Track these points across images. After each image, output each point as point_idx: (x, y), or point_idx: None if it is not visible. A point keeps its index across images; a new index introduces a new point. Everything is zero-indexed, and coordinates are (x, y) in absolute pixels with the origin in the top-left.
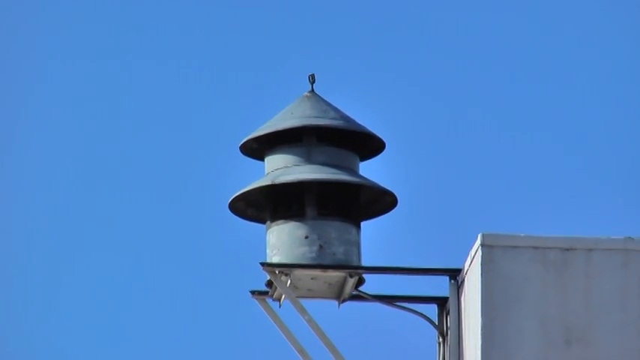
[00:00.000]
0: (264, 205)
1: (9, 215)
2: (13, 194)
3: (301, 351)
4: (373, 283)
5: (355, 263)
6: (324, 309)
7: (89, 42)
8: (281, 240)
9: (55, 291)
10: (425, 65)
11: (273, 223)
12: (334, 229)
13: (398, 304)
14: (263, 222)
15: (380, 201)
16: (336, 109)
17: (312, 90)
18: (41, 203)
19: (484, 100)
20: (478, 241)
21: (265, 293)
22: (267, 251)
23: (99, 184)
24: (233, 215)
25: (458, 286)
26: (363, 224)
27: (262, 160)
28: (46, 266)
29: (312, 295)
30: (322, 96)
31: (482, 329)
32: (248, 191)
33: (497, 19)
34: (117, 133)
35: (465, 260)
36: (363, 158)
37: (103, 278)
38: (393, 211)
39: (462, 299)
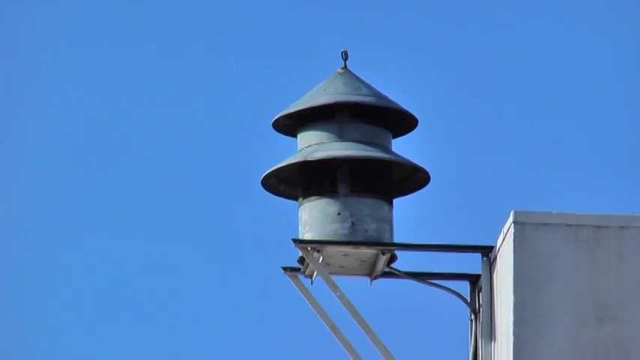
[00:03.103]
0: (297, 181)
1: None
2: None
3: (333, 328)
4: (405, 260)
5: (387, 240)
6: (356, 286)
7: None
8: (313, 217)
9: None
10: (458, 43)
11: (306, 200)
12: (366, 205)
13: (430, 281)
14: (295, 199)
15: (412, 178)
16: (368, 86)
17: (345, 66)
18: (66, 182)
19: (518, 78)
20: (510, 219)
21: (297, 270)
22: (300, 228)
23: (131, 162)
24: (266, 192)
25: (490, 264)
26: (395, 201)
27: (295, 136)
28: (73, 245)
29: (344, 271)
30: (355, 73)
31: (514, 306)
32: (280, 168)
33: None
34: (149, 111)
35: (498, 237)
36: (396, 135)
37: (136, 256)
38: (426, 188)
39: (495, 276)
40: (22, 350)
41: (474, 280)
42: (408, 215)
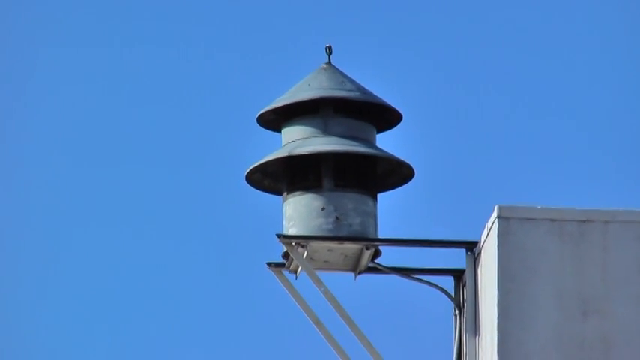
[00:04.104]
0: (281, 176)
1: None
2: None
3: (317, 322)
4: (390, 255)
5: (372, 235)
6: (341, 281)
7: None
8: (297, 212)
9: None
10: (441, 37)
11: (290, 195)
12: (351, 200)
13: (414, 276)
14: (280, 193)
15: (397, 173)
16: (352, 81)
17: (329, 61)
18: (52, 178)
19: (501, 73)
20: (495, 214)
21: (282, 265)
22: (284, 223)
23: (113, 156)
24: (250, 187)
25: (474, 258)
26: (379, 196)
27: (279, 131)
28: (57, 241)
29: (328, 266)
30: (339, 68)
31: (498, 301)
32: (265, 163)
33: None
34: (133, 104)
35: (482, 232)
36: (380, 130)
37: (117, 252)
38: (410, 183)
39: (479, 271)
40: (21, 349)
41: (458, 275)
42: (392, 210)
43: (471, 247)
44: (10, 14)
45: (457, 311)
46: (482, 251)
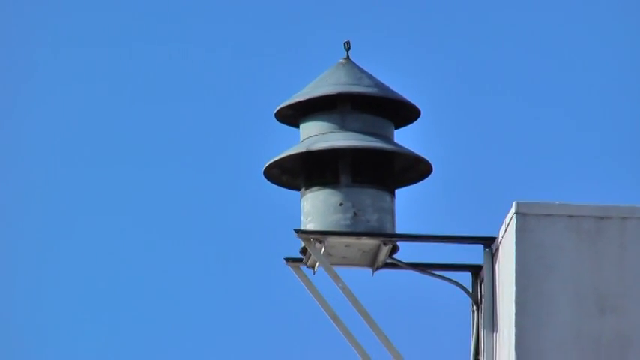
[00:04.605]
0: (299, 172)
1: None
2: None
3: (335, 318)
4: (407, 251)
5: (389, 231)
6: (358, 276)
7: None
8: (315, 207)
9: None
10: (461, 34)
11: (308, 191)
12: (368, 196)
13: (432, 271)
14: (297, 189)
15: (414, 169)
16: (371, 77)
17: (348, 57)
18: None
19: (520, 70)
20: (512, 210)
21: (299, 260)
22: (302, 218)
23: (133, 153)
24: (268, 182)
25: (492, 254)
26: (397, 192)
27: (297, 127)
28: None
29: (346, 262)
30: (357, 63)
31: (516, 297)
32: (283, 158)
33: None
34: (151, 103)
35: (500, 228)
36: (398, 126)
37: (136, 247)
38: (428, 178)
39: (496, 267)
40: (22, 349)
41: (475, 270)
42: (410, 206)
43: (489, 243)
44: (10, 14)
45: (475, 307)
46: (500, 247)
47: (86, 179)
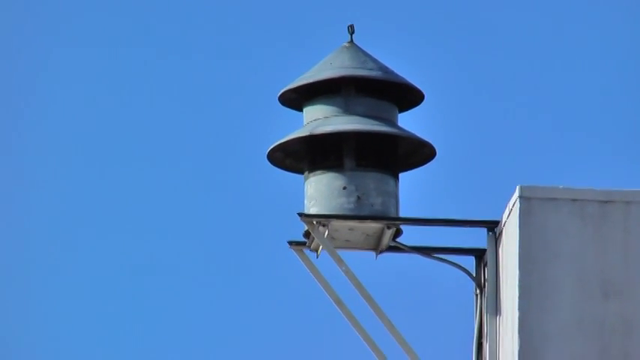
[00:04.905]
0: (303, 155)
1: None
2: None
3: (338, 302)
4: (411, 235)
5: (393, 214)
6: (362, 260)
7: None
8: (319, 191)
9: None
10: (465, 17)
11: (311, 174)
12: (372, 180)
13: (435, 255)
14: (301, 172)
15: (418, 152)
16: (375, 60)
17: (351, 40)
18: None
19: (524, 53)
20: (516, 193)
21: (303, 244)
22: (305, 202)
23: (136, 135)
24: (271, 165)
25: (496, 238)
26: (401, 175)
27: (301, 110)
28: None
29: (349, 245)
30: (361, 47)
31: (519, 281)
32: (286, 142)
33: None
34: (154, 85)
35: (503, 212)
36: (402, 109)
37: (140, 231)
38: (431, 162)
39: (500, 251)
40: (24, 349)
41: (479, 254)
42: (413, 190)
43: (492, 226)
44: (10, 14)
45: (478, 291)
46: (504, 231)
47: (85, 171)
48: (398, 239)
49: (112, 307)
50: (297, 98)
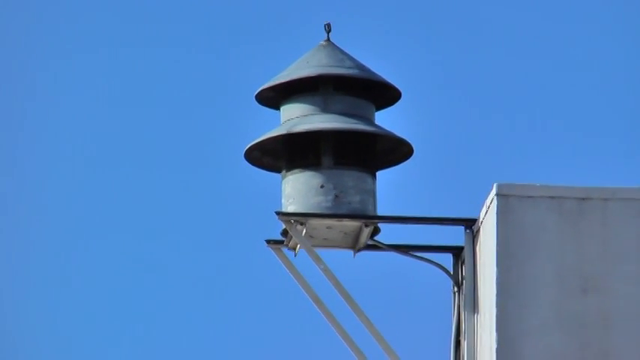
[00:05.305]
0: (280, 154)
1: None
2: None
3: (316, 300)
4: (389, 233)
5: (371, 213)
6: (340, 258)
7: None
8: (296, 189)
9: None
10: (441, 15)
11: (289, 173)
12: (350, 178)
13: (413, 253)
14: (279, 171)
15: (396, 150)
16: (352, 59)
17: (328, 39)
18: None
19: (501, 51)
20: (494, 191)
21: (281, 242)
22: (283, 200)
23: (111, 137)
24: (249, 164)
25: (473, 236)
26: (378, 174)
27: (278, 109)
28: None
29: (327, 244)
30: (338, 45)
31: (497, 279)
32: (264, 140)
33: None
34: (132, 85)
35: (481, 210)
36: (379, 107)
37: (120, 231)
38: (409, 160)
39: (478, 249)
40: (24, 349)
41: (457, 252)
42: (391, 188)
43: (470, 224)
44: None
45: (456, 288)
46: (481, 229)
47: (75, 176)
48: (376, 237)
49: (96, 307)
50: (274, 97)
